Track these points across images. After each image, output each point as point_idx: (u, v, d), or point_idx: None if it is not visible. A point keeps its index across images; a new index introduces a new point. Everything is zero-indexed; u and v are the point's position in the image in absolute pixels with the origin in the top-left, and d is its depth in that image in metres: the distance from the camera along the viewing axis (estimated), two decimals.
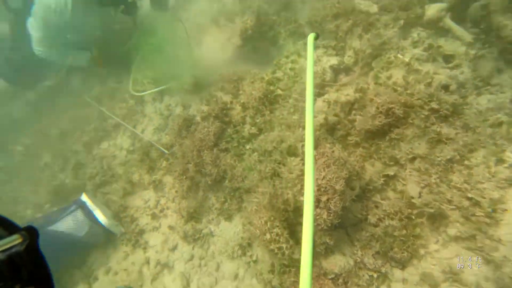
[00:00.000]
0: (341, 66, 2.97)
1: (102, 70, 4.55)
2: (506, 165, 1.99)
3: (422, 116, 2.27)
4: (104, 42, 4.14)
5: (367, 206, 2.28)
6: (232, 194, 2.84)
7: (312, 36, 1.74)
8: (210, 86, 3.49)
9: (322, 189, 2.08)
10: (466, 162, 2.09)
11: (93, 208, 3.07)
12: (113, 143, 4.14)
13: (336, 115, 2.59)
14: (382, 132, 2.39)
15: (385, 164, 2.35)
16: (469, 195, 1.97)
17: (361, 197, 2.30)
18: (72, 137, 4.52)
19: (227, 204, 2.86)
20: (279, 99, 2.99)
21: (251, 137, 2.96)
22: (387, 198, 2.27)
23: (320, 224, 2.09)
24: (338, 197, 2.07)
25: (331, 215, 2.08)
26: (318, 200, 2.09)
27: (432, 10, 2.73)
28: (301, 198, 2.27)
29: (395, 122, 2.34)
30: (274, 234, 2.18)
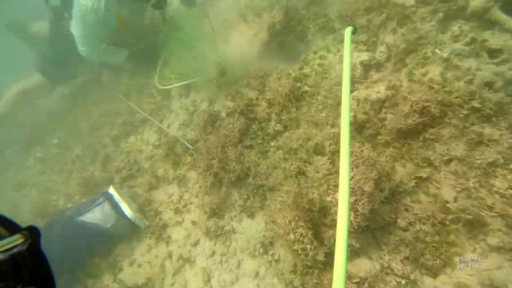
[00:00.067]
0: (372, 62, 2.83)
1: (132, 66, 4.68)
2: None
3: (461, 116, 2.11)
4: (136, 38, 4.25)
5: (397, 209, 2.16)
6: (255, 192, 2.80)
7: (349, 30, 1.63)
8: (236, 82, 3.46)
9: (350, 190, 1.99)
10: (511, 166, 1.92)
11: (120, 201, 3.15)
12: (140, 138, 4.23)
13: (366, 113, 2.48)
14: (415, 132, 2.25)
15: (418, 166, 2.21)
16: None
17: (390, 200, 2.18)
18: (102, 131, 4.68)
19: (250, 202, 2.83)
20: (306, 96, 2.90)
21: (276, 134, 2.90)
22: (419, 202, 2.14)
23: None
24: (367, 199, 1.98)
25: (358, 217, 1.99)
26: None
27: (478, 1, 2.52)
28: (327, 199, 2.19)
29: (430, 122, 2.19)
30: (298, 235, 2.12)
